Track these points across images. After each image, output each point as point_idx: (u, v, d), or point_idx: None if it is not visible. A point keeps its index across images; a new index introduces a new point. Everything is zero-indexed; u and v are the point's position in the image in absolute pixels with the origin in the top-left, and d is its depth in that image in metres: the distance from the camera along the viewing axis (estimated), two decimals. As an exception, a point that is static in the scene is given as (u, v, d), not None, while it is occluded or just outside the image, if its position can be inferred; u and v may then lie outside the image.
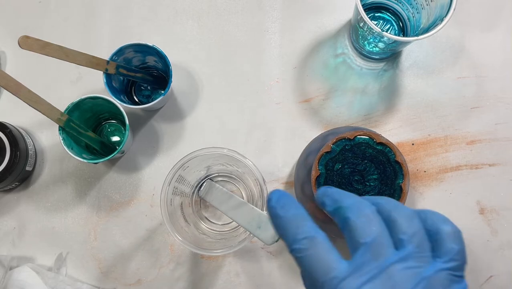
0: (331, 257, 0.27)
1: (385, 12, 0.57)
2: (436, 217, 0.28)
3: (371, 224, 0.27)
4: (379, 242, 0.27)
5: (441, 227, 0.28)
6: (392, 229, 0.27)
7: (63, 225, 0.57)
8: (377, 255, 0.26)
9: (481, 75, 0.58)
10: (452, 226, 0.28)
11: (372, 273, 0.26)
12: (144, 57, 0.55)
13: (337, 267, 0.26)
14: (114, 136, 0.57)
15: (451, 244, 0.27)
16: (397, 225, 0.27)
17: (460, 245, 0.28)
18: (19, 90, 0.44)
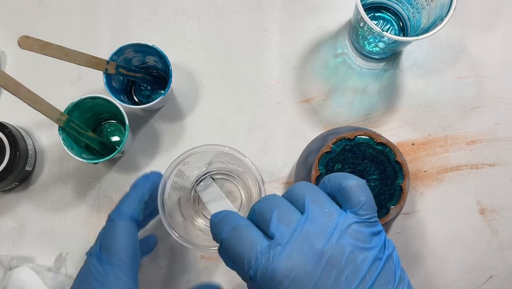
0: (253, 236, 0.30)
1: (385, 12, 0.57)
2: (337, 176, 0.32)
3: (271, 204, 0.31)
4: (284, 214, 0.30)
5: (344, 183, 0.31)
6: (292, 200, 0.31)
7: (63, 225, 0.57)
8: (287, 223, 0.30)
9: (481, 75, 0.58)
10: (354, 179, 0.31)
11: (288, 238, 0.29)
12: (144, 57, 0.55)
13: (259, 242, 0.30)
14: (114, 137, 0.57)
15: (356, 196, 0.30)
16: (294, 194, 0.31)
17: (364, 195, 0.31)
18: (19, 90, 0.44)
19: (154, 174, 0.45)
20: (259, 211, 0.31)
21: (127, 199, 0.42)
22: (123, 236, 0.40)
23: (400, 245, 0.56)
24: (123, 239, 0.40)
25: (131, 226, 0.41)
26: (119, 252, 0.39)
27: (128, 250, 0.39)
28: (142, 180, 0.44)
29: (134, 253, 0.40)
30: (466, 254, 0.55)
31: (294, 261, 0.28)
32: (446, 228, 0.56)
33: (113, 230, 0.40)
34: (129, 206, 0.42)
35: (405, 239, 0.56)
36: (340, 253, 0.28)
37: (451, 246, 0.55)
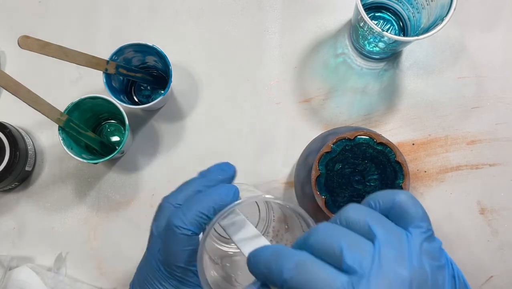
0: (326, 272, 0.25)
1: (385, 12, 0.57)
2: (384, 194, 0.29)
3: (333, 234, 0.27)
4: (353, 244, 0.26)
5: (396, 199, 0.28)
6: (350, 226, 0.27)
7: (62, 225, 0.57)
8: (361, 253, 0.26)
9: (481, 75, 0.58)
10: (403, 193, 0.28)
11: (369, 268, 0.25)
12: (144, 57, 0.55)
13: (337, 278, 0.25)
14: (114, 137, 0.57)
15: (413, 208, 0.28)
16: (351, 220, 0.27)
17: (420, 206, 0.28)
18: (18, 90, 0.44)
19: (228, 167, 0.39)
20: (320, 243, 0.26)
21: (197, 204, 0.35)
22: (186, 253, 0.35)
23: (400, 245, 0.56)
24: (186, 255, 0.35)
25: (194, 240, 0.35)
26: (182, 268, 0.35)
27: (190, 266, 0.36)
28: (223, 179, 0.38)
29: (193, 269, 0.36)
30: (466, 254, 0.55)
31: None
32: (446, 228, 0.56)
33: (175, 242, 0.35)
34: (196, 216, 0.35)
35: (405, 239, 0.56)
36: (425, 277, 0.26)
37: (451, 246, 0.55)
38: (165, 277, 0.36)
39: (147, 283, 0.37)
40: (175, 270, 0.36)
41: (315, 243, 0.27)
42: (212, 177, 0.38)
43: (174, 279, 0.36)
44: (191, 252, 0.35)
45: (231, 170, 0.39)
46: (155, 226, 0.37)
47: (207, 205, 0.35)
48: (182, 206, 0.36)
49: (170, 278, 0.36)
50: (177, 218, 0.35)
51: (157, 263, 0.36)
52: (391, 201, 0.28)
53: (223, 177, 0.38)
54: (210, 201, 0.35)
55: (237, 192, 0.36)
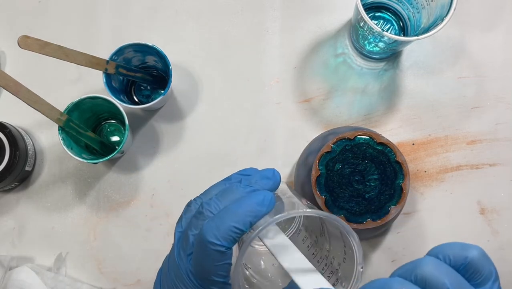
0: None
1: (386, 11, 0.57)
2: (454, 248, 0.27)
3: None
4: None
5: (469, 256, 0.27)
6: (427, 286, 0.26)
7: (62, 225, 0.57)
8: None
9: (481, 75, 0.57)
10: (475, 248, 0.27)
11: None
12: (144, 57, 0.55)
13: None
14: (114, 136, 0.57)
15: (487, 267, 0.27)
16: (429, 280, 0.26)
17: (493, 265, 0.27)
18: (18, 90, 0.44)
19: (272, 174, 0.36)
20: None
21: (231, 217, 0.33)
22: (219, 268, 0.33)
23: (400, 245, 0.56)
24: (219, 270, 0.33)
25: (228, 255, 0.33)
26: (215, 282, 0.34)
27: (223, 279, 0.34)
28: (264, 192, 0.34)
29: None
30: (466, 254, 0.55)
31: None
32: (446, 228, 0.56)
33: (207, 258, 0.33)
34: (231, 230, 0.32)
35: (405, 239, 0.56)
36: None
37: (451, 246, 0.55)
38: (197, 287, 0.34)
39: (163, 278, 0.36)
40: (207, 284, 0.34)
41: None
42: (255, 186, 0.35)
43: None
44: (225, 266, 0.33)
45: (276, 179, 0.36)
46: (191, 232, 0.35)
47: (242, 219, 0.32)
48: (215, 218, 0.33)
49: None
50: (210, 233, 0.32)
51: (187, 274, 0.34)
52: (463, 258, 0.27)
53: (267, 187, 0.35)
54: (245, 214, 0.32)
55: (272, 202, 0.33)
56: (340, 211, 0.47)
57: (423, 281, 0.26)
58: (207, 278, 0.33)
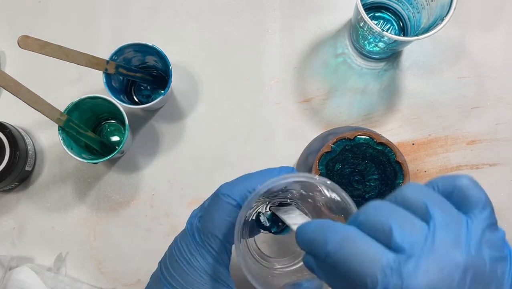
0: (373, 248, 0.24)
1: (385, 11, 0.57)
2: (445, 178, 0.27)
3: (384, 211, 0.25)
4: (406, 223, 0.24)
5: (457, 182, 0.26)
6: (406, 206, 0.26)
7: (62, 225, 0.57)
8: (413, 232, 0.24)
9: (481, 75, 0.57)
10: (465, 177, 0.26)
11: (420, 249, 0.24)
12: (144, 57, 0.55)
13: (383, 255, 0.24)
14: (114, 136, 0.57)
15: (476, 193, 0.26)
16: (407, 199, 0.26)
17: (483, 191, 0.26)
18: (18, 90, 0.44)
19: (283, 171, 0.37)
20: (370, 220, 0.25)
21: (249, 179, 0.35)
22: (226, 223, 0.34)
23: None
24: (225, 226, 0.35)
25: (237, 213, 0.34)
26: (218, 240, 0.35)
27: (226, 241, 0.35)
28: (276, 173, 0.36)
29: (229, 238, 0.35)
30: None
31: (435, 277, 0.23)
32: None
33: (217, 209, 0.35)
34: (246, 190, 0.34)
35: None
36: (482, 266, 0.24)
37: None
38: (198, 246, 0.35)
39: (177, 251, 0.36)
40: (210, 239, 0.35)
41: (365, 219, 0.25)
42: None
43: (205, 250, 0.35)
44: (231, 225, 0.34)
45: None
46: (206, 201, 0.37)
47: (257, 182, 0.34)
48: (233, 180, 0.36)
49: (202, 248, 0.35)
50: (225, 187, 0.35)
51: (193, 230, 0.36)
52: (451, 185, 0.26)
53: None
54: (261, 179, 0.34)
55: (294, 171, 0.35)
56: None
57: (403, 201, 0.26)
58: (211, 233, 0.34)
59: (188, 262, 0.35)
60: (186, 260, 0.35)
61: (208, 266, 0.35)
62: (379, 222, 0.25)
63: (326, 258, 0.25)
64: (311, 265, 0.27)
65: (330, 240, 0.25)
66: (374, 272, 0.23)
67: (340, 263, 0.24)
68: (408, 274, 0.23)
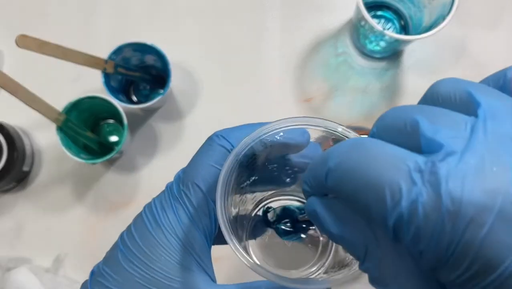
0: (392, 151, 0.16)
1: (387, 10, 0.57)
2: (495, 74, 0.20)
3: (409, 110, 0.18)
4: (439, 116, 0.17)
5: (508, 75, 0.19)
6: (447, 105, 0.18)
7: (61, 226, 0.56)
8: (452, 126, 0.16)
9: (483, 75, 0.57)
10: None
11: (465, 143, 0.15)
12: (143, 57, 0.54)
13: (407, 158, 0.16)
14: (113, 136, 0.57)
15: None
16: (450, 95, 0.19)
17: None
18: (16, 89, 0.44)
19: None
20: (386, 124, 0.18)
21: (251, 127, 0.27)
22: (212, 172, 0.26)
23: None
24: (210, 176, 0.26)
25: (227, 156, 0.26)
26: (197, 190, 0.26)
27: (211, 182, 0.26)
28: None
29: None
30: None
31: (495, 180, 0.15)
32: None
33: (206, 151, 0.28)
34: (243, 135, 0.26)
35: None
36: None
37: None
38: (173, 198, 0.26)
39: (147, 209, 0.27)
40: (190, 190, 0.26)
41: (380, 125, 0.18)
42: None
43: (181, 204, 0.26)
44: (214, 171, 0.26)
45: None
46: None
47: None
48: (234, 126, 0.28)
49: (177, 201, 0.26)
50: (223, 130, 0.28)
51: (171, 183, 0.27)
52: (501, 77, 0.19)
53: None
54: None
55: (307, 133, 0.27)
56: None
57: (435, 97, 0.19)
58: (191, 181, 0.26)
59: (155, 219, 0.26)
60: (153, 217, 0.26)
61: (179, 227, 0.25)
62: (400, 119, 0.17)
63: (326, 180, 0.18)
64: (312, 208, 0.20)
65: (331, 156, 0.18)
66: (395, 180, 0.15)
67: (344, 180, 0.17)
68: (449, 178, 0.15)
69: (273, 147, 0.26)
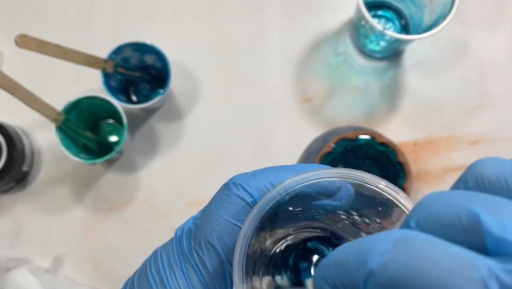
0: (452, 251, 0.14)
1: (387, 10, 0.57)
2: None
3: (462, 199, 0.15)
4: (497, 206, 0.14)
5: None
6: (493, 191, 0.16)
7: (60, 226, 0.56)
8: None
9: (484, 74, 0.57)
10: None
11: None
12: (143, 56, 0.54)
13: (476, 262, 0.13)
14: (112, 136, 0.57)
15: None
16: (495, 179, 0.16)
17: None
18: (16, 89, 0.44)
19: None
20: (435, 214, 0.15)
21: (273, 172, 0.23)
22: (229, 228, 0.22)
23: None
24: (227, 232, 0.22)
25: (245, 214, 0.22)
26: (212, 249, 0.22)
27: (228, 241, 0.22)
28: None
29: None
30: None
31: None
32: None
33: (222, 203, 0.23)
34: (269, 183, 0.23)
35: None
36: None
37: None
38: (183, 256, 0.23)
39: (153, 264, 0.23)
40: (202, 249, 0.22)
41: (427, 215, 0.15)
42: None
43: (192, 264, 0.22)
44: (234, 230, 0.22)
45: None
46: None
47: (291, 174, 0.21)
48: (254, 171, 0.24)
49: (188, 261, 0.22)
50: (240, 177, 0.23)
51: (182, 235, 0.24)
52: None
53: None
54: (293, 173, 0.21)
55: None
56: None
57: (481, 183, 0.17)
58: (204, 239, 0.22)
59: (162, 281, 0.23)
60: (160, 276, 0.23)
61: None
62: (451, 210, 0.15)
63: (366, 287, 0.14)
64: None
65: (371, 253, 0.14)
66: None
67: (397, 282, 0.14)
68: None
69: (302, 195, 0.23)
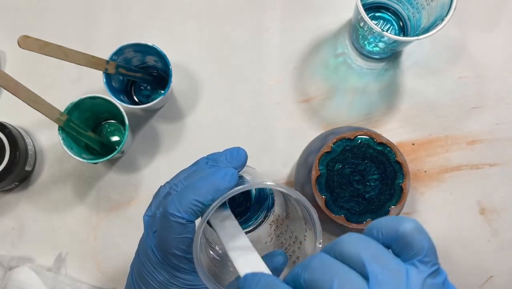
0: None
1: (385, 11, 0.57)
2: (388, 222, 0.27)
3: (325, 271, 0.25)
4: (344, 282, 0.24)
5: (400, 229, 0.26)
6: (345, 260, 0.26)
7: (62, 225, 0.57)
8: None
9: (482, 75, 0.57)
10: (410, 222, 0.26)
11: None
12: (144, 57, 0.55)
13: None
14: (114, 136, 0.57)
15: (418, 241, 0.26)
16: (347, 254, 0.26)
17: (426, 238, 0.26)
18: (18, 90, 0.44)
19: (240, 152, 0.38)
20: (312, 281, 0.25)
21: (192, 191, 0.34)
22: (180, 240, 0.34)
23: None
24: (181, 243, 0.34)
25: (189, 228, 0.34)
26: (176, 256, 0.35)
27: (185, 254, 0.35)
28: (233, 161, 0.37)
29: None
30: (466, 254, 0.55)
31: None
32: (446, 228, 0.56)
33: (168, 229, 0.34)
34: (192, 204, 0.33)
35: (405, 239, 0.56)
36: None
37: (451, 246, 0.55)
38: (159, 263, 0.36)
39: (142, 267, 0.37)
40: (169, 257, 0.35)
41: (308, 280, 0.26)
42: (220, 165, 0.37)
43: (168, 265, 0.35)
44: (186, 240, 0.34)
45: (241, 158, 0.37)
46: (158, 211, 0.37)
47: (203, 193, 0.33)
48: (178, 193, 0.34)
49: (164, 264, 0.35)
50: (172, 206, 0.33)
51: (152, 248, 0.36)
52: (394, 231, 0.26)
53: (232, 165, 0.37)
54: (206, 188, 0.33)
55: (234, 177, 0.34)
56: (340, 211, 0.47)
57: (341, 256, 0.26)
58: (168, 251, 0.34)
59: (155, 278, 0.36)
60: (153, 276, 0.36)
61: (173, 278, 0.36)
62: (320, 284, 0.25)
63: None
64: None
65: None
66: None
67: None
68: None
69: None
